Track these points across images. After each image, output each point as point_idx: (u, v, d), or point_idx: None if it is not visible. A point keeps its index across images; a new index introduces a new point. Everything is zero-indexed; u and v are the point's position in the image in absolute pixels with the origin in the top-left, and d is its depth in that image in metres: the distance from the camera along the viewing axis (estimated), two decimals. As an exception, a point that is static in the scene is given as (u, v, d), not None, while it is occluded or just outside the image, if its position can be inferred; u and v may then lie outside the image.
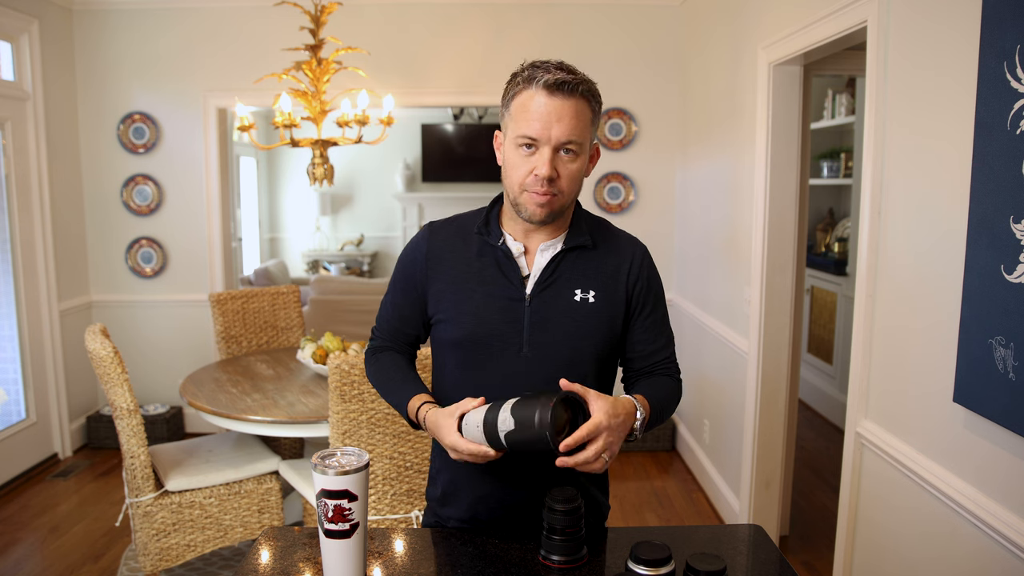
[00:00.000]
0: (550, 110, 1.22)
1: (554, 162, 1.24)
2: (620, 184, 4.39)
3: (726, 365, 3.48)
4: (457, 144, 8.25)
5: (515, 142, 1.26)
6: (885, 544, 2.06)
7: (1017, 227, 1.44)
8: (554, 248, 1.35)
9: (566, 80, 1.22)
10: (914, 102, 1.91)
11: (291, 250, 8.59)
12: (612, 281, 1.37)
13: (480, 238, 1.38)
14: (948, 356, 1.71)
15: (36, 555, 3.10)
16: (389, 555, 1.29)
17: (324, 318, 5.30)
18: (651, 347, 1.41)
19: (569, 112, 1.23)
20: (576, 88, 1.23)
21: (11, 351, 3.89)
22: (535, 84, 1.23)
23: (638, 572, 1.10)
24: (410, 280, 1.42)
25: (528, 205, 1.28)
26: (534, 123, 1.23)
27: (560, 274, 1.35)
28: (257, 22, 4.21)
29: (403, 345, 1.51)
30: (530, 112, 1.23)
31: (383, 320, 1.51)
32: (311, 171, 3.21)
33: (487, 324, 1.33)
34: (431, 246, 1.40)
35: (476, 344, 1.34)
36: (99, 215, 4.40)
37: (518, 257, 1.36)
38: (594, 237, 1.38)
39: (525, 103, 1.24)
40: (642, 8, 4.26)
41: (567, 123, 1.23)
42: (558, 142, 1.23)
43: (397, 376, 1.44)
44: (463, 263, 1.37)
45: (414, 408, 1.36)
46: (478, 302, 1.34)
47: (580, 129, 1.24)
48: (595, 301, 1.34)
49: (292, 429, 2.63)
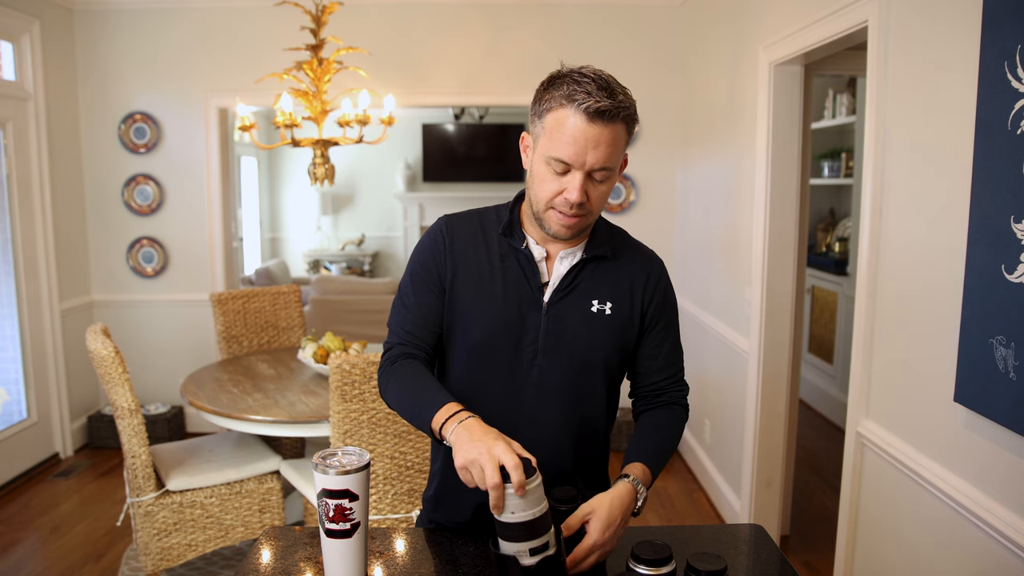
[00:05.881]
0: (588, 136, 1.16)
1: (585, 186, 1.19)
2: (621, 184, 4.39)
3: (727, 365, 3.48)
4: (458, 144, 8.25)
5: (546, 159, 1.20)
6: (886, 544, 2.06)
7: (1018, 227, 1.43)
8: (573, 257, 1.32)
9: (607, 108, 1.15)
10: (915, 102, 1.91)
11: (292, 250, 8.60)
12: (628, 294, 1.35)
13: (503, 239, 1.33)
14: (949, 356, 1.71)
15: (37, 555, 3.11)
16: (390, 555, 1.29)
17: (325, 318, 5.30)
18: (659, 363, 1.40)
19: (607, 139, 1.17)
20: (617, 115, 1.17)
21: (12, 351, 3.89)
22: (574, 106, 1.15)
23: (639, 572, 1.10)
24: (432, 273, 1.33)
25: (552, 224, 1.25)
26: (568, 147, 1.17)
27: (579, 283, 1.32)
28: (258, 22, 4.21)
29: (425, 351, 1.34)
30: (565, 134, 1.17)
31: (401, 323, 1.35)
32: (312, 171, 3.21)
33: (506, 328, 1.30)
34: (453, 239, 1.34)
35: (491, 348, 1.31)
36: (100, 215, 4.40)
37: (539, 262, 1.32)
38: (613, 247, 1.36)
39: (560, 122, 1.17)
40: (642, 8, 4.26)
41: (603, 150, 1.17)
42: (592, 168, 1.18)
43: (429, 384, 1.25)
44: (486, 263, 1.32)
45: (450, 411, 1.16)
46: (499, 305, 1.30)
47: (616, 155, 1.20)
48: (611, 313, 1.33)
49: (293, 429, 2.63)
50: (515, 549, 1.08)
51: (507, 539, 1.08)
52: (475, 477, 1.08)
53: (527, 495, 1.06)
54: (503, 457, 1.05)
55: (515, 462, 1.05)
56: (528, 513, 1.07)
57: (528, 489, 1.05)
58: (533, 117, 1.25)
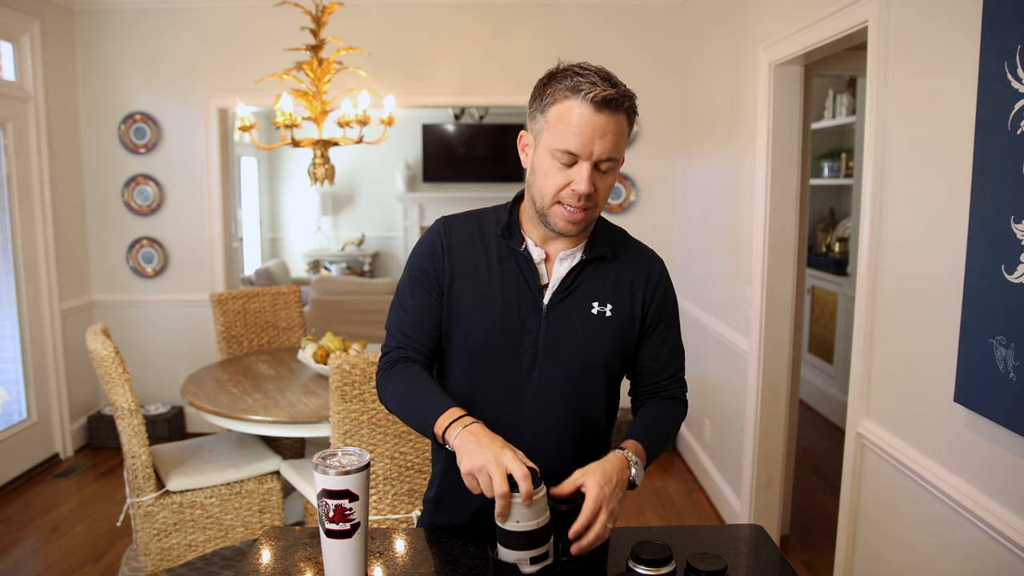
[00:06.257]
0: (595, 126, 1.17)
1: (592, 177, 1.20)
2: (620, 184, 4.39)
3: (727, 365, 3.48)
4: (458, 144, 8.25)
5: (551, 153, 1.20)
6: (886, 544, 2.06)
7: (1018, 227, 1.43)
8: (573, 258, 1.31)
9: (613, 97, 1.17)
10: (915, 102, 1.91)
11: (292, 250, 8.60)
12: (629, 296, 1.34)
13: (502, 241, 1.32)
14: (949, 356, 1.71)
15: (37, 555, 3.11)
16: (390, 555, 1.29)
17: (325, 318, 5.30)
18: (660, 364, 1.39)
19: (613, 129, 1.18)
20: (622, 104, 1.19)
21: (12, 351, 3.89)
22: (580, 96, 1.17)
23: (639, 572, 1.10)
24: (430, 276, 1.33)
25: (558, 220, 1.24)
26: (576, 138, 1.17)
27: (579, 285, 1.31)
28: (258, 22, 4.21)
29: (423, 354, 1.33)
30: (572, 125, 1.17)
31: (399, 325, 1.35)
32: (312, 171, 3.21)
33: (505, 331, 1.29)
34: (451, 241, 1.33)
35: (491, 351, 1.30)
36: (100, 215, 4.40)
37: (539, 264, 1.31)
38: (614, 248, 1.35)
39: (566, 114, 1.18)
40: (642, 8, 4.26)
41: (610, 140, 1.18)
42: (599, 158, 1.19)
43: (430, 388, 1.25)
44: (484, 265, 1.31)
45: (453, 416, 1.17)
46: (498, 308, 1.29)
47: (621, 145, 1.21)
48: (611, 315, 1.32)
49: (293, 429, 2.63)
50: (516, 557, 1.09)
51: (509, 547, 1.09)
52: (482, 484, 1.08)
53: (533, 505, 1.07)
54: (511, 466, 1.06)
55: (523, 472, 1.05)
56: (532, 523, 1.08)
57: (535, 499, 1.07)
58: (534, 113, 1.25)
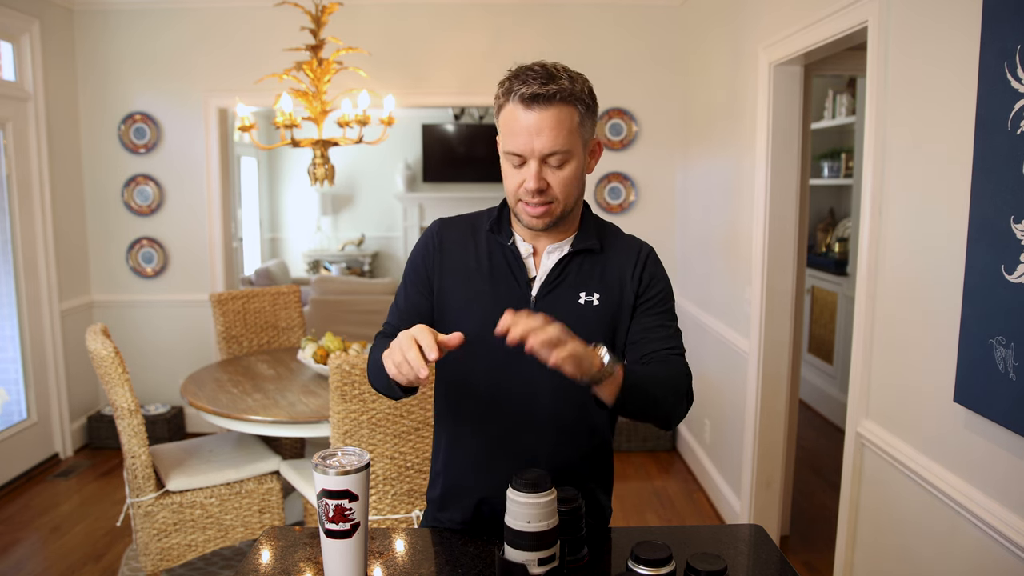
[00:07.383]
0: (529, 124, 1.21)
1: (542, 173, 1.23)
2: (620, 184, 4.39)
3: (727, 365, 3.48)
4: (458, 144, 8.25)
5: (505, 156, 1.27)
6: (886, 543, 2.06)
7: (1018, 227, 1.43)
8: (560, 251, 1.35)
9: (539, 93, 1.19)
10: (915, 102, 1.91)
11: (292, 250, 8.59)
12: (618, 284, 1.35)
13: (491, 236, 1.37)
14: (948, 356, 1.71)
15: (37, 555, 3.11)
16: (390, 555, 1.29)
17: (325, 318, 5.30)
18: (652, 335, 1.34)
19: (548, 123, 1.20)
20: (552, 98, 1.20)
21: (12, 351, 3.89)
22: (513, 98, 1.21)
23: (639, 572, 1.10)
24: (421, 275, 1.40)
25: (524, 216, 1.29)
26: (514, 138, 1.22)
27: (566, 277, 1.34)
28: (258, 22, 4.21)
29: None
30: (512, 127, 1.23)
31: (392, 320, 1.43)
32: (312, 171, 3.21)
33: (493, 324, 1.31)
34: (444, 239, 1.39)
35: (482, 344, 1.30)
36: (100, 215, 4.40)
37: (526, 258, 1.35)
38: (602, 240, 1.37)
39: (507, 117, 1.24)
40: (642, 8, 4.26)
41: (547, 135, 1.21)
42: (541, 155, 1.22)
43: None
44: (473, 260, 1.36)
45: None
46: (487, 302, 1.33)
47: (563, 137, 1.22)
48: (599, 304, 1.33)
49: (293, 429, 2.63)
50: (524, 558, 1.11)
51: (518, 548, 1.12)
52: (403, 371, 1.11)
53: (543, 507, 1.11)
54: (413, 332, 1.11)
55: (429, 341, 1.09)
56: (543, 524, 1.11)
57: (544, 502, 1.11)
58: (496, 119, 1.30)
